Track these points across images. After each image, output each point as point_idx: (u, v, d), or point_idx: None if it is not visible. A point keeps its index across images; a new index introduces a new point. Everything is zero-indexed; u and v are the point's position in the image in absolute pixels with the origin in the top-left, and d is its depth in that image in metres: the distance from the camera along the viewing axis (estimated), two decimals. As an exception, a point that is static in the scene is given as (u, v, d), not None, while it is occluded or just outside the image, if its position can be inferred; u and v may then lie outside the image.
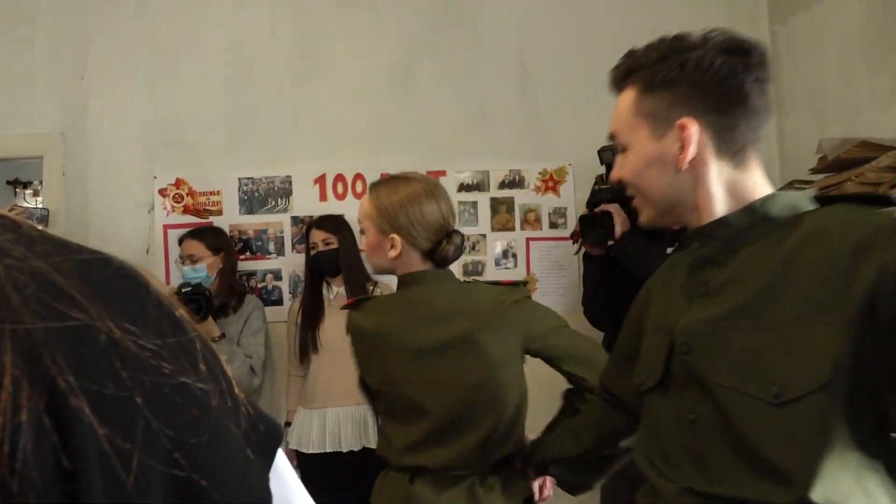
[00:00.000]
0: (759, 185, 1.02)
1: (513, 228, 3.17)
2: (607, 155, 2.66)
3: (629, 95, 1.07)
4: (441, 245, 1.64)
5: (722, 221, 1.00)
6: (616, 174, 1.11)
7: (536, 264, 3.17)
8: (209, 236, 2.86)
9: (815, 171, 2.44)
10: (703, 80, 0.99)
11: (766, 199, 0.99)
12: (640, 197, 1.08)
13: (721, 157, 1.00)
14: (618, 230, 2.54)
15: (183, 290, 2.64)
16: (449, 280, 1.69)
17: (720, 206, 1.01)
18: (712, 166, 1.00)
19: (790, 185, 2.60)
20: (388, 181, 1.70)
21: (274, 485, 0.42)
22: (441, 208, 1.65)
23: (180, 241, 2.87)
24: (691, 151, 0.99)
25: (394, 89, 3.21)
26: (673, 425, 1.03)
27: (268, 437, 0.44)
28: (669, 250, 2.62)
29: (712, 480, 0.97)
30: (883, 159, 2.05)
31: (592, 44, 3.23)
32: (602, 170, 2.70)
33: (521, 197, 3.17)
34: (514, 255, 3.17)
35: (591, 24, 3.24)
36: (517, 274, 3.16)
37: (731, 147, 1.00)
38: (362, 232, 1.75)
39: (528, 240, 3.17)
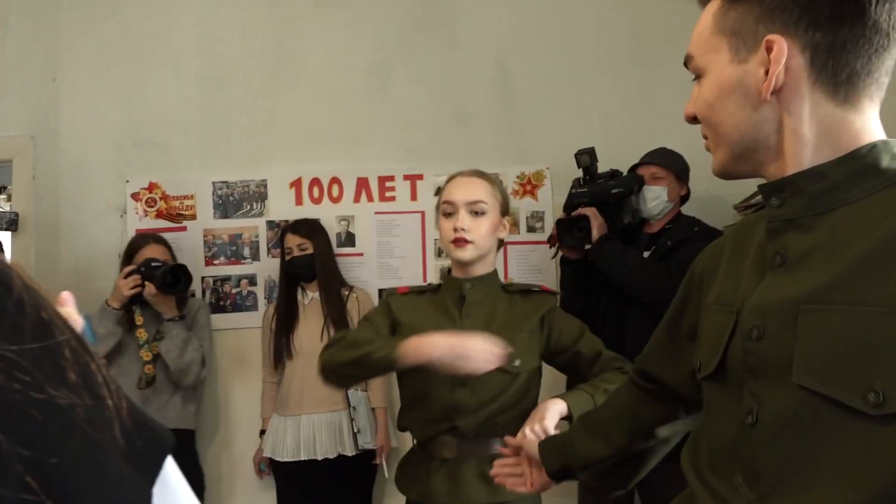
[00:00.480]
0: (869, 129, 0.79)
1: (491, 232, 3.14)
2: (584, 158, 2.64)
3: (713, 6, 0.87)
4: None
5: (813, 172, 0.78)
6: (689, 109, 0.91)
7: (514, 268, 3.14)
8: (163, 242, 2.79)
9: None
10: None
11: (876, 146, 0.77)
12: (714, 136, 0.87)
13: (820, 89, 0.78)
14: (595, 234, 2.52)
15: (153, 264, 2.61)
16: None
17: (812, 152, 0.79)
18: (806, 99, 0.78)
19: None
20: None
21: (159, 498, 0.39)
22: None
23: (137, 249, 2.74)
24: (778, 77, 0.78)
25: (371, 91, 3.18)
26: (727, 426, 0.84)
27: (150, 448, 0.40)
28: (646, 254, 2.61)
29: (766, 503, 0.77)
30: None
31: (572, 46, 3.21)
32: (579, 173, 2.68)
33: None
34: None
35: (571, 26, 3.22)
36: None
37: (836, 76, 0.77)
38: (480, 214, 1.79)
39: (505, 243, 3.14)
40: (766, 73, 0.79)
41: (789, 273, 0.80)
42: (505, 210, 1.83)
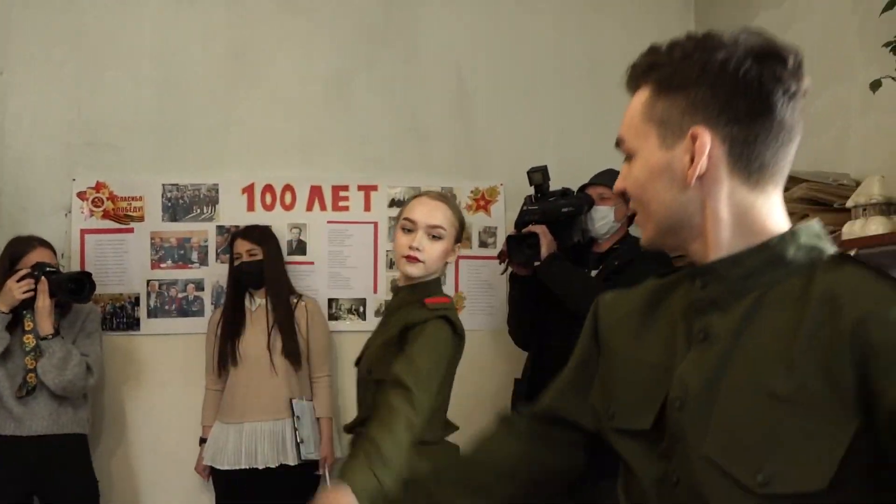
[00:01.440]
0: (774, 214, 0.90)
1: (443, 246, 3.16)
2: (537, 176, 2.68)
3: (642, 96, 0.96)
4: None
5: (732, 259, 0.88)
6: (619, 184, 1.00)
7: (465, 283, 3.17)
8: (49, 246, 2.71)
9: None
10: (726, 84, 0.87)
11: (784, 237, 0.88)
12: (643, 213, 0.96)
13: (736, 176, 0.88)
14: (543, 251, 2.56)
15: (48, 269, 2.57)
16: None
17: (729, 233, 0.89)
18: (725, 185, 0.88)
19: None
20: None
21: None
22: None
23: (24, 253, 2.64)
24: (702, 165, 0.87)
25: (328, 100, 3.18)
26: (652, 482, 0.90)
27: None
28: (594, 273, 2.66)
29: None
30: (795, 190, 2.11)
31: (530, 67, 3.27)
32: (531, 190, 2.72)
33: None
34: (444, 273, 3.16)
35: (530, 47, 3.28)
36: (446, 291, 3.14)
37: (750, 165, 0.88)
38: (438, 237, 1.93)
39: (457, 258, 3.16)
40: (691, 160, 0.88)
41: (711, 350, 0.87)
42: (458, 238, 1.98)
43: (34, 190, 3.02)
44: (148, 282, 3.03)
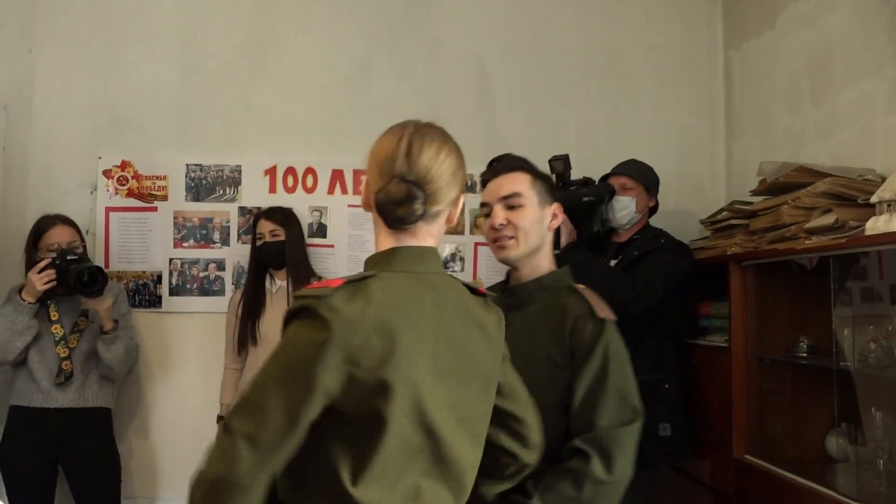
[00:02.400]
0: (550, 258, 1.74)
1: (462, 232, 3.18)
2: (558, 165, 2.68)
3: (525, 176, 1.68)
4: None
5: (534, 281, 1.70)
6: (504, 219, 1.64)
7: (483, 270, 3.18)
8: (72, 224, 2.73)
9: (755, 192, 2.50)
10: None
11: (550, 274, 1.70)
12: (520, 238, 1.66)
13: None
14: (563, 240, 2.56)
15: (69, 257, 2.58)
16: None
17: (546, 262, 1.74)
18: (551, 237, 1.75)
19: (731, 206, 2.66)
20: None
21: None
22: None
23: (45, 231, 2.66)
24: (555, 222, 1.70)
25: (350, 85, 3.19)
26: None
27: None
28: (613, 263, 2.66)
29: None
30: (819, 185, 2.11)
31: (551, 56, 3.26)
32: (552, 179, 2.72)
33: (471, 201, 3.17)
34: (462, 259, 3.18)
35: (552, 37, 3.27)
36: (464, 278, 3.16)
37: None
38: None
39: (476, 244, 3.18)
40: (551, 218, 1.67)
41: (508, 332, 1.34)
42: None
43: (61, 167, 3.06)
44: (170, 260, 3.07)
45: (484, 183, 1.73)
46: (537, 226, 1.63)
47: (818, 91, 2.59)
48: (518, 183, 1.64)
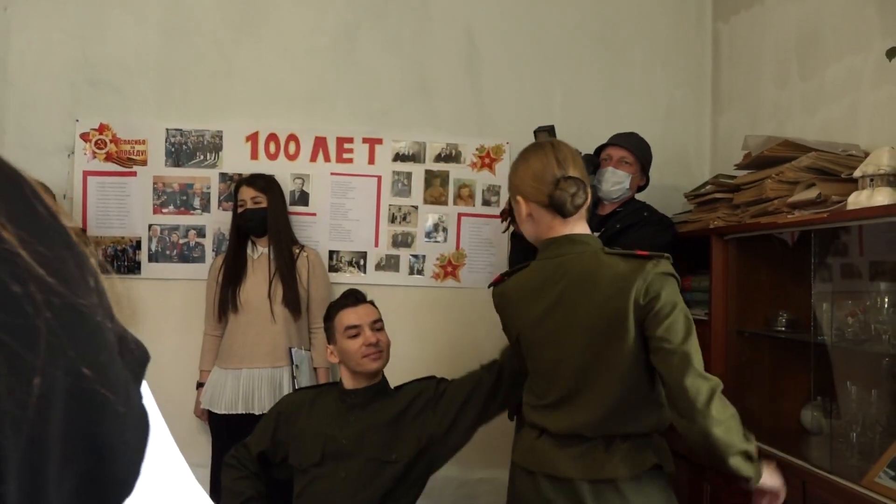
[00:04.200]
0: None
1: (445, 203, 3.16)
2: (543, 136, 2.65)
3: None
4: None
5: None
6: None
7: (466, 240, 3.16)
8: (48, 191, 2.71)
9: (739, 166, 2.49)
10: None
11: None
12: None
13: None
14: (546, 211, 2.55)
15: None
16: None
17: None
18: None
19: (715, 180, 2.65)
20: None
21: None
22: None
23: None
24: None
25: (336, 52, 3.14)
26: None
27: (138, 355, 0.44)
28: (596, 234, 2.66)
29: None
30: (803, 160, 2.10)
31: (540, 26, 3.22)
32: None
33: (456, 171, 3.16)
34: (445, 230, 3.16)
35: (540, 6, 3.23)
36: (447, 248, 3.15)
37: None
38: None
39: (459, 215, 3.16)
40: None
41: None
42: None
43: (37, 129, 3.00)
44: (150, 226, 3.04)
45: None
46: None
47: (806, 65, 2.58)
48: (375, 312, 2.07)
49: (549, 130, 2.66)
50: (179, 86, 3.07)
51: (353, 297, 2.09)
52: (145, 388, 0.45)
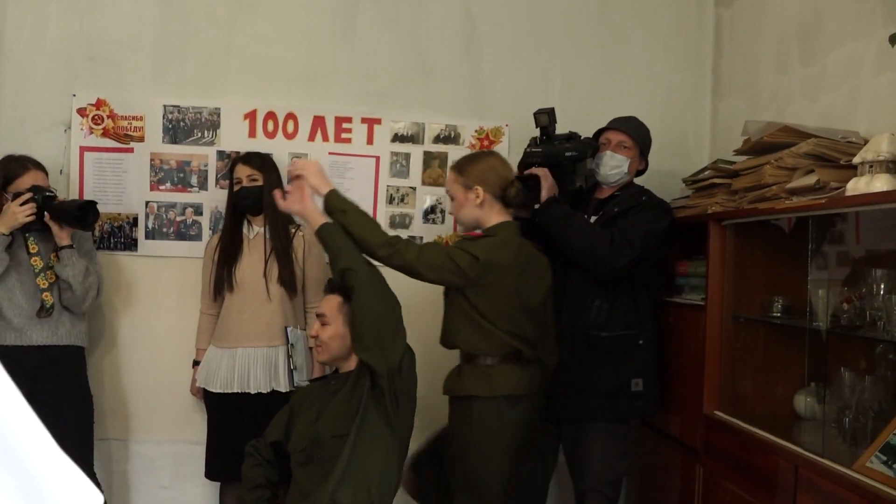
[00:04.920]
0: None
1: (443, 184, 3.14)
2: (542, 118, 2.65)
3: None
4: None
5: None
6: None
7: (464, 222, 3.15)
8: (42, 168, 2.71)
9: (738, 152, 2.49)
10: None
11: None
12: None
13: None
14: (544, 194, 2.55)
15: (47, 193, 2.59)
16: None
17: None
18: None
19: (714, 165, 2.65)
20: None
21: None
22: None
23: (17, 175, 2.64)
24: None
25: (335, 30, 3.12)
26: None
27: None
28: (593, 219, 2.66)
29: None
30: (802, 146, 2.10)
31: (541, 7, 3.20)
32: (537, 132, 2.69)
33: (454, 153, 3.14)
34: (443, 211, 3.16)
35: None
36: (444, 230, 3.15)
37: None
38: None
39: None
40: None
41: None
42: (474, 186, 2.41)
43: (33, 104, 2.98)
44: (147, 203, 3.02)
45: None
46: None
47: (807, 51, 2.57)
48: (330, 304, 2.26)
49: (549, 113, 2.65)
50: (177, 62, 3.05)
51: (329, 286, 2.31)
52: None
